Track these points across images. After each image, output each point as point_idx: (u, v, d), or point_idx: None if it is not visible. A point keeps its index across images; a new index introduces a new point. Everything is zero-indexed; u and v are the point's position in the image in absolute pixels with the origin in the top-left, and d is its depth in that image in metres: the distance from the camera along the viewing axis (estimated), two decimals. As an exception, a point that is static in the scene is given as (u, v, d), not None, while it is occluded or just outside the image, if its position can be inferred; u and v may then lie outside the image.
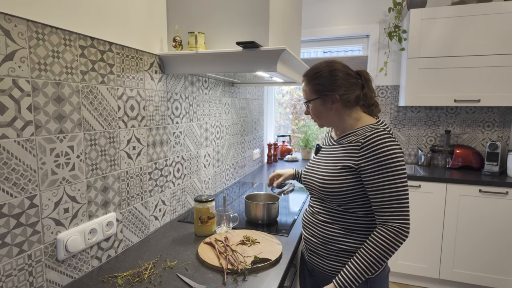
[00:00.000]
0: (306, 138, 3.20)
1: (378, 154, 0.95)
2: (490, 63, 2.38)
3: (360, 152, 0.99)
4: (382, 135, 0.97)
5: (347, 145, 1.06)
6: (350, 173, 1.01)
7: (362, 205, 1.03)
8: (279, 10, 1.39)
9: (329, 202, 1.08)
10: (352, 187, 1.01)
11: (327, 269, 1.09)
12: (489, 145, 2.46)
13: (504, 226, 2.28)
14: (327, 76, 1.06)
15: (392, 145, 0.96)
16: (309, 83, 1.10)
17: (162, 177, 1.41)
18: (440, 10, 2.45)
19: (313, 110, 1.12)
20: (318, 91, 1.08)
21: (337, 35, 3.06)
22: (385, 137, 0.97)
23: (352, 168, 1.01)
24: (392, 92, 2.97)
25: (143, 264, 1.08)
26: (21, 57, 0.80)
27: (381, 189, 0.95)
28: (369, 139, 0.97)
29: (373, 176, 0.96)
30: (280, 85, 2.57)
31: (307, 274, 1.23)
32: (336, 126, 1.13)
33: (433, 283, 2.54)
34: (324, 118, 1.11)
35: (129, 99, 1.18)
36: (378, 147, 0.95)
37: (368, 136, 0.98)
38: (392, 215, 0.95)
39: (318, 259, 1.12)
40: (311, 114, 1.14)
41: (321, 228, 1.10)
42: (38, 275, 0.87)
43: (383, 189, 0.95)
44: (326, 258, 1.09)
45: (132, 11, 1.18)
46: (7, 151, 0.78)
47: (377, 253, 0.94)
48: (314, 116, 1.14)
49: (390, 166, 0.94)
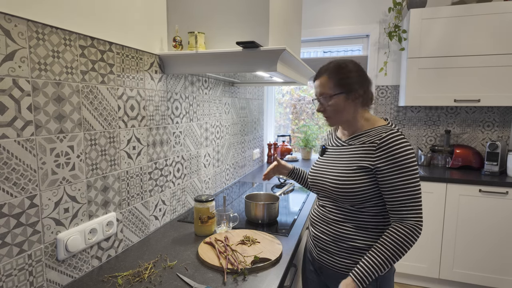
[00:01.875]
0: (306, 138, 3.20)
1: (394, 154, 0.98)
2: (490, 63, 2.38)
3: (376, 152, 1.01)
4: (398, 136, 1.00)
5: (360, 146, 1.07)
6: (366, 174, 1.02)
7: (375, 204, 1.04)
8: (279, 10, 1.39)
9: (342, 201, 1.08)
10: (368, 188, 1.02)
11: (338, 266, 1.10)
12: (489, 145, 2.46)
13: (504, 225, 2.28)
14: (355, 71, 1.07)
15: (407, 146, 0.99)
16: (333, 77, 1.07)
17: (162, 177, 1.41)
18: (440, 10, 2.45)
19: (333, 105, 1.08)
20: (345, 86, 1.06)
21: (337, 35, 3.06)
22: (400, 138, 1.00)
23: (368, 168, 1.02)
24: (392, 92, 2.97)
25: (143, 264, 1.08)
26: (21, 57, 0.80)
27: (397, 188, 0.98)
28: (386, 140, 1.00)
29: (389, 176, 0.99)
30: (280, 85, 2.57)
31: (314, 273, 1.23)
32: (348, 126, 1.13)
33: (433, 283, 2.54)
34: (341, 115, 1.09)
35: (129, 99, 1.18)
36: (395, 148, 0.98)
37: (384, 137, 1.00)
38: (408, 213, 0.98)
39: (328, 256, 1.12)
40: (329, 110, 1.10)
41: (332, 226, 1.10)
42: (38, 275, 0.88)
43: (399, 188, 0.98)
44: (337, 256, 1.09)
45: (132, 11, 1.18)
46: (7, 151, 0.78)
47: (394, 248, 0.96)
48: (331, 113, 1.10)
49: (406, 166, 0.97)
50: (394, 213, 1.00)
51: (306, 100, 3.56)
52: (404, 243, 0.96)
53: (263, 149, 3.05)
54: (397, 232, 0.97)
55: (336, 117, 1.11)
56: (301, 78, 1.82)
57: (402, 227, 0.97)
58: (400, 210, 0.99)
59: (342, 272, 1.09)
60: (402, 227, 0.97)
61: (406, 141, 1.00)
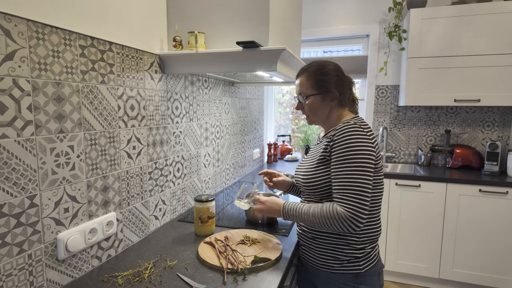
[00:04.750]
0: (306, 138, 3.20)
1: (341, 145, 1.00)
2: (490, 63, 2.38)
3: (331, 144, 1.04)
4: (351, 128, 1.01)
5: (324, 141, 1.10)
6: (324, 166, 1.06)
7: None
8: (279, 9, 1.39)
9: (313, 196, 1.12)
10: (328, 180, 1.05)
11: (317, 263, 1.12)
12: (489, 145, 2.46)
13: (504, 225, 2.28)
14: (333, 73, 1.10)
15: (359, 138, 0.99)
16: (312, 78, 1.11)
17: (162, 177, 1.41)
18: (440, 10, 2.45)
19: (309, 105, 1.13)
20: (321, 87, 1.10)
21: (337, 35, 3.06)
22: (353, 129, 1.00)
23: (325, 159, 1.06)
24: (392, 92, 2.97)
25: (143, 263, 1.08)
26: (21, 57, 0.80)
27: (337, 179, 0.99)
28: (338, 132, 1.02)
29: (334, 165, 1.01)
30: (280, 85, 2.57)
31: (303, 271, 1.25)
32: (323, 123, 1.16)
33: (433, 282, 2.54)
34: (318, 114, 1.13)
35: (129, 98, 1.18)
36: (344, 139, 1.00)
37: (338, 129, 1.03)
38: (341, 200, 0.97)
39: (308, 253, 1.15)
40: (306, 108, 1.15)
41: None
42: (38, 275, 0.88)
43: (338, 180, 0.99)
44: (315, 252, 1.12)
45: (132, 10, 1.18)
46: (7, 150, 0.78)
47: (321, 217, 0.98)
48: (307, 111, 1.15)
49: (351, 159, 0.97)
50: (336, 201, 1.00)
51: (306, 100, 3.55)
52: (331, 219, 0.96)
53: (263, 149, 3.05)
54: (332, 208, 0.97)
55: (314, 116, 1.15)
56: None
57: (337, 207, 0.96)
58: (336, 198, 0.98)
59: (322, 268, 1.11)
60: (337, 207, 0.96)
61: (359, 132, 0.99)
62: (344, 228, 0.96)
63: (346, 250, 1.06)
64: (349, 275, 1.07)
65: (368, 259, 1.07)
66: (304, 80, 1.13)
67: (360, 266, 1.06)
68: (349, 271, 1.06)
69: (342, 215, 0.95)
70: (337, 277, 1.08)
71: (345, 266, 1.06)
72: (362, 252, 1.06)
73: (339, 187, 0.98)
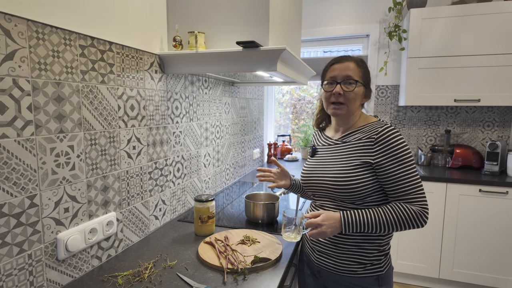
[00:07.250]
0: (306, 137, 3.20)
1: (393, 148, 1.00)
2: (490, 62, 2.38)
3: (375, 147, 1.02)
4: (393, 130, 1.02)
5: (357, 142, 1.07)
6: (366, 169, 1.03)
7: (375, 199, 1.05)
8: (279, 9, 1.39)
9: (343, 200, 1.07)
10: (369, 183, 1.03)
11: (339, 269, 1.08)
12: (489, 145, 2.46)
13: (504, 225, 2.28)
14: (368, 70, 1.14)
15: (403, 139, 1.02)
16: (361, 67, 1.10)
17: (162, 177, 1.41)
18: (440, 10, 2.45)
19: (356, 92, 1.07)
20: (367, 79, 1.11)
21: (337, 35, 3.06)
22: (395, 131, 1.02)
23: (368, 163, 1.03)
24: (392, 92, 2.97)
25: (143, 263, 1.08)
26: (21, 57, 0.80)
27: (399, 181, 0.99)
28: (383, 134, 1.01)
29: (391, 169, 1.00)
30: (280, 85, 2.57)
31: (311, 276, 1.21)
32: (348, 118, 1.12)
33: (433, 282, 2.54)
34: (355, 105, 1.09)
35: (129, 98, 1.18)
36: (393, 142, 1.00)
37: (380, 131, 1.02)
38: (414, 201, 0.99)
39: (328, 260, 1.10)
40: (348, 95, 1.07)
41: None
42: (38, 275, 0.88)
43: (402, 181, 0.99)
44: (337, 258, 1.08)
45: (132, 10, 1.18)
46: (7, 150, 0.78)
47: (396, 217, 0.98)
48: (349, 98, 1.07)
49: (405, 159, 1.00)
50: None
51: (306, 100, 3.56)
52: (408, 219, 0.97)
53: (263, 149, 3.05)
54: (406, 207, 0.98)
55: (351, 105, 1.08)
56: (301, 78, 1.81)
57: (410, 206, 0.98)
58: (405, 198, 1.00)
59: (344, 274, 1.08)
60: (411, 207, 0.98)
61: (400, 134, 1.03)
62: (420, 224, 0.98)
63: (371, 251, 1.05)
64: (371, 278, 1.06)
65: (387, 260, 1.08)
66: (354, 66, 1.07)
67: (382, 268, 1.06)
68: (372, 274, 1.06)
69: (419, 213, 0.97)
70: (359, 281, 1.06)
71: (368, 269, 1.05)
72: (384, 253, 1.07)
73: (407, 187, 0.99)
